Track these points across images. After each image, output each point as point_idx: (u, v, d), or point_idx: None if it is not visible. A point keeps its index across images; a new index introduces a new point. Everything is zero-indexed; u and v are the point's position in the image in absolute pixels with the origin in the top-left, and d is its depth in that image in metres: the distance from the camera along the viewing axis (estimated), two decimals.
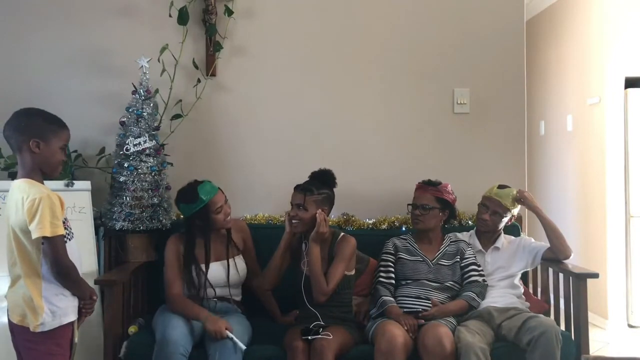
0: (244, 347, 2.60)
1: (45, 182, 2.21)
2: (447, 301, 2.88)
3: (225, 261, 2.92)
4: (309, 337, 2.59)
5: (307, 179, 2.91)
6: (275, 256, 2.85)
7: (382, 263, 3.00)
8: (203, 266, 2.86)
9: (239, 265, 2.96)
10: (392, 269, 2.97)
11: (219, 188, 2.94)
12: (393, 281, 2.94)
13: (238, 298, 2.99)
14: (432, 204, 3.00)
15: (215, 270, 2.89)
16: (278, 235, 2.91)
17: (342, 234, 2.90)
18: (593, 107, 4.78)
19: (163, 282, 2.92)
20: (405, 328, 2.65)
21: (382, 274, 2.96)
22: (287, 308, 3.05)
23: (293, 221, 2.81)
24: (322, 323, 2.70)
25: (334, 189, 2.91)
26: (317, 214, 2.75)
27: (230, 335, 2.60)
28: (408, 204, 3.09)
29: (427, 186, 3.06)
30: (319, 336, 2.58)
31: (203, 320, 2.66)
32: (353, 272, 2.89)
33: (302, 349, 2.57)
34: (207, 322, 2.64)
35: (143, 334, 2.79)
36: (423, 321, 2.71)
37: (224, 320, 2.67)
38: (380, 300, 2.86)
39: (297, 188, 2.85)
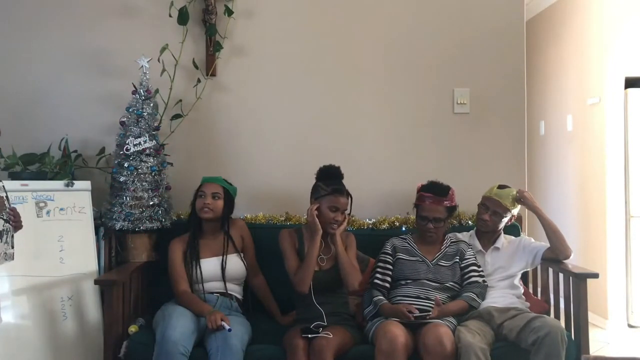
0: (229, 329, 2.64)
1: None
2: (447, 301, 2.88)
3: (221, 257, 2.96)
4: (309, 336, 2.60)
5: (317, 174, 2.95)
6: (313, 258, 2.81)
7: (379, 264, 2.99)
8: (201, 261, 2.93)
9: (235, 261, 2.99)
10: (389, 271, 2.96)
11: (220, 184, 3.03)
12: (387, 284, 2.94)
13: (239, 296, 3.01)
14: (444, 215, 2.98)
15: (211, 265, 2.94)
16: (277, 235, 2.94)
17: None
18: (593, 107, 4.78)
19: (163, 282, 2.97)
20: (405, 318, 2.66)
21: (378, 275, 2.96)
22: (287, 308, 3.04)
23: (334, 225, 2.85)
24: (322, 323, 2.71)
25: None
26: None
27: (226, 326, 2.62)
28: (414, 203, 3.05)
29: (441, 199, 2.97)
30: (319, 335, 2.58)
31: (206, 315, 2.69)
32: None
33: (303, 347, 2.57)
34: (208, 315, 2.68)
35: (143, 334, 2.79)
36: (417, 312, 2.70)
37: (222, 313, 2.72)
38: (373, 300, 2.87)
39: (340, 191, 2.87)
